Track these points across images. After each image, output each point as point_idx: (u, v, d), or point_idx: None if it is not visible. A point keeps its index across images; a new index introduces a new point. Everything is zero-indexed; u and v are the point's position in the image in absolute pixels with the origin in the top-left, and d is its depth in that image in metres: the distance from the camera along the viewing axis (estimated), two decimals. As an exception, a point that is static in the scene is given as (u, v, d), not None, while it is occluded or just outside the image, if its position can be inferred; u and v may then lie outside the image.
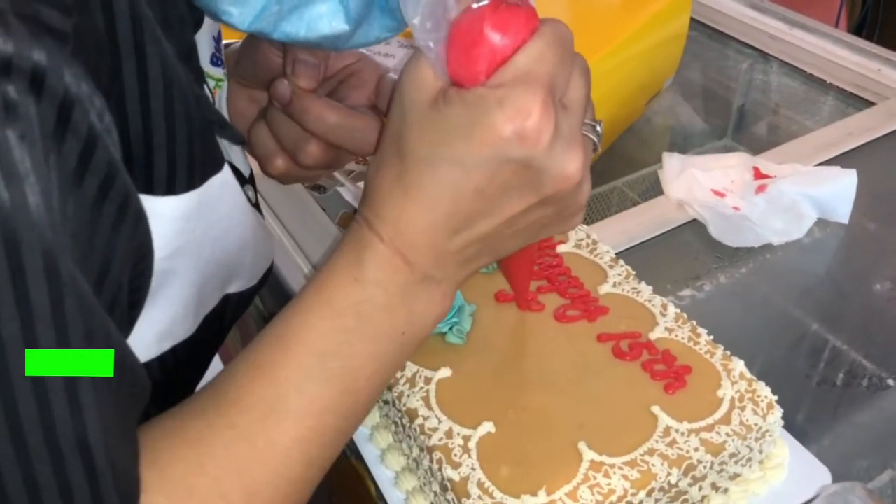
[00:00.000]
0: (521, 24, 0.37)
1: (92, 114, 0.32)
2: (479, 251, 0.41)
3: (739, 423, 0.50)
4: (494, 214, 0.39)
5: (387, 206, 0.40)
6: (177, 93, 0.39)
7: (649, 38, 0.99)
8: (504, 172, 0.38)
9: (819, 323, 0.73)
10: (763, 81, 1.12)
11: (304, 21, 0.45)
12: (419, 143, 0.39)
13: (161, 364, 0.46)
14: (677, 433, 0.49)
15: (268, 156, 0.55)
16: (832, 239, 0.81)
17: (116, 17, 0.36)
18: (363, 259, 0.40)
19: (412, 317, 0.42)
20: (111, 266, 0.35)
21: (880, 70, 1.03)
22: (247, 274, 0.52)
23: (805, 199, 0.80)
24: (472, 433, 0.49)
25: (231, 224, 0.47)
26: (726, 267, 0.77)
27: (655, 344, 0.55)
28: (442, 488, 0.49)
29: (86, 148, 0.32)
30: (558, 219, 0.42)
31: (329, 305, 0.41)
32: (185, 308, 0.46)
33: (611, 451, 0.48)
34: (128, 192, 0.35)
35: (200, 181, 0.43)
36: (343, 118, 0.51)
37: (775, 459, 0.53)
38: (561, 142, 0.37)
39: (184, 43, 0.44)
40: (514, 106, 0.36)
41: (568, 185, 0.39)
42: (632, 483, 0.46)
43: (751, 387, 0.52)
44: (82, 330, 0.31)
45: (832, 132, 0.93)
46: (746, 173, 0.84)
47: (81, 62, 0.32)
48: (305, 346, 0.40)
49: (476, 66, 0.37)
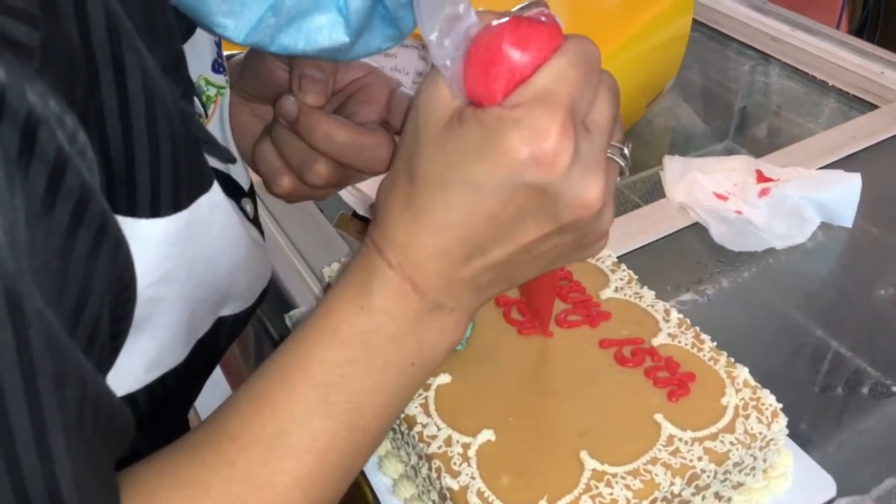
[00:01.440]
0: (543, 41, 0.36)
1: (60, 134, 0.30)
2: (492, 279, 0.40)
3: (744, 432, 0.49)
4: (509, 241, 0.38)
5: (396, 229, 0.38)
6: (160, 109, 0.37)
7: (651, 40, 0.98)
8: (519, 197, 0.36)
9: (823, 328, 0.72)
10: (765, 83, 1.12)
11: (302, 33, 0.43)
12: (431, 165, 0.37)
13: (149, 393, 0.44)
14: (680, 442, 0.48)
15: (273, 175, 0.52)
16: (836, 243, 0.80)
17: (92, 29, 0.33)
18: (370, 286, 0.39)
19: (422, 347, 0.40)
20: (88, 298, 0.32)
21: (883, 73, 1.02)
22: (241, 296, 0.51)
23: (808, 203, 0.79)
24: (472, 441, 0.49)
25: (223, 246, 0.45)
26: (729, 271, 0.76)
27: (658, 350, 0.54)
28: (441, 497, 0.48)
29: (55, 171, 0.29)
30: (578, 247, 0.40)
31: (334, 335, 0.39)
32: (175, 335, 0.44)
33: (613, 459, 0.47)
34: (104, 217, 0.33)
35: (187, 202, 0.41)
36: (352, 136, 0.49)
37: (779, 468, 0.52)
38: (580, 166, 0.35)
39: (171, 53, 0.42)
40: (530, 127, 0.34)
41: (587, 213, 0.37)
42: (634, 493, 0.46)
43: (755, 394, 0.51)
44: (51, 373, 0.29)
45: (835, 135, 0.92)
46: (749, 176, 0.83)
47: (50, 78, 0.30)
48: (309, 378, 0.38)
49: (494, 84, 0.36)
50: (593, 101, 0.37)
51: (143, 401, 0.44)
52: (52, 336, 0.29)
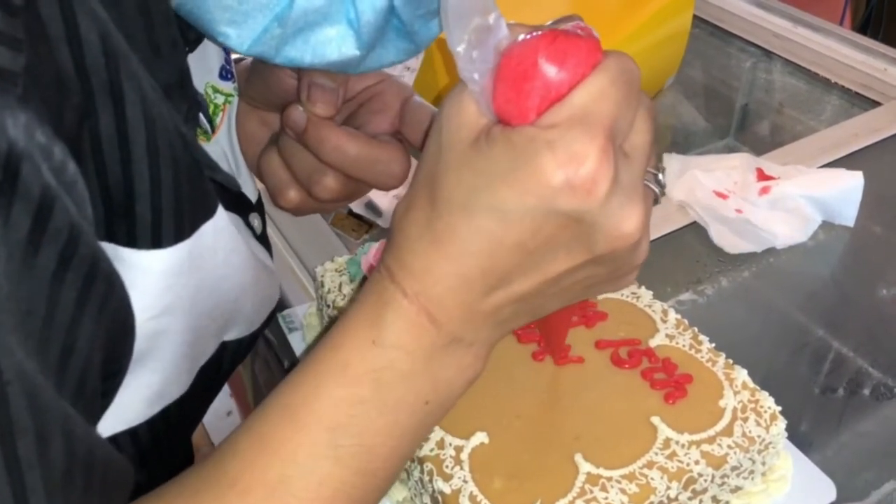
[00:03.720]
0: (582, 56, 0.33)
1: (45, 169, 0.28)
2: (516, 311, 0.37)
3: (742, 435, 0.48)
4: (536, 272, 0.35)
5: (414, 255, 0.35)
6: (161, 136, 0.35)
7: (651, 36, 0.98)
8: (550, 226, 0.33)
9: (824, 329, 0.71)
10: (767, 80, 1.11)
11: (309, 46, 0.41)
12: (455, 187, 0.34)
13: (151, 427, 0.42)
14: (677, 445, 0.47)
15: (280, 188, 0.49)
16: (837, 242, 0.79)
17: (86, 52, 0.31)
18: (383, 317, 0.36)
19: (438, 384, 0.37)
20: (77, 342, 0.30)
21: (886, 69, 1.01)
22: (246, 320, 0.48)
23: (809, 202, 0.79)
24: (465, 444, 0.48)
25: (227, 272, 0.43)
26: (728, 271, 0.76)
27: (656, 351, 0.53)
28: (433, 501, 0.47)
29: (40, 212, 0.27)
30: (609, 279, 0.37)
31: (343, 371, 0.36)
32: (178, 367, 0.42)
33: (608, 463, 0.46)
34: (95, 257, 0.31)
35: (190, 231, 0.39)
36: (364, 149, 0.46)
37: (778, 472, 0.51)
38: (619, 195, 0.33)
39: (175, 70, 0.40)
40: (567, 150, 0.31)
41: (624, 245, 0.34)
42: (630, 497, 0.45)
43: (754, 397, 0.50)
44: (33, 432, 0.27)
45: (837, 133, 0.91)
46: (749, 174, 0.82)
47: (36, 105, 0.28)
48: (315, 418, 0.35)
49: (526, 102, 0.33)
50: (633, 123, 0.34)
51: (145, 434, 0.42)
52: (34, 392, 0.27)
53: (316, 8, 0.39)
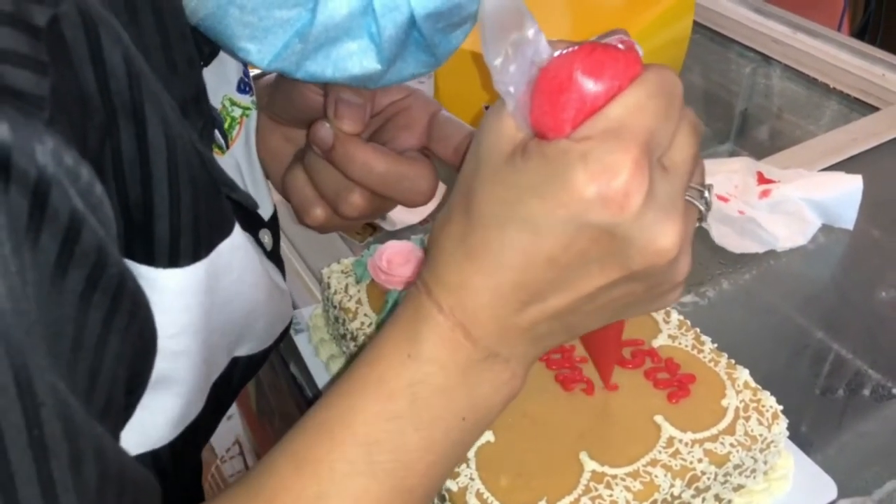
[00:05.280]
0: (619, 69, 0.32)
1: (73, 193, 0.28)
2: (551, 328, 0.36)
3: (744, 434, 0.49)
4: (570, 288, 0.34)
5: (449, 270, 0.35)
6: (180, 156, 0.35)
7: (651, 42, 0.98)
8: (582, 240, 0.32)
9: (824, 331, 0.72)
10: (766, 85, 1.11)
11: (330, 60, 0.40)
12: (489, 201, 0.34)
13: (171, 447, 0.42)
14: (681, 444, 0.48)
15: (305, 206, 0.49)
16: (837, 245, 0.80)
17: (109, 73, 0.31)
18: (419, 332, 0.35)
19: (474, 399, 0.36)
20: (104, 361, 0.30)
21: (885, 75, 1.02)
22: (258, 338, 0.48)
23: (809, 205, 0.79)
24: (471, 442, 0.48)
25: (240, 289, 0.43)
26: (730, 273, 0.76)
27: (658, 352, 0.54)
28: (440, 499, 0.47)
29: (68, 236, 0.27)
30: (649, 297, 0.36)
31: (378, 387, 0.35)
32: (197, 386, 0.41)
33: (613, 461, 0.47)
34: (122, 277, 0.31)
35: (207, 250, 0.38)
36: (392, 166, 0.45)
37: (780, 471, 0.52)
38: (654, 209, 0.32)
39: (191, 86, 0.40)
40: (599, 162, 0.31)
41: (660, 261, 0.33)
42: (634, 494, 0.45)
43: (755, 396, 0.51)
44: (66, 453, 0.27)
45: (836, 137, 0.92)
46: (750, 178, 0.83)
47: (62, 129, 0.28)
48: (350, 433, 0.35)
49: (561, 114, 0.32)
50: (673, 137, 0.33)
51: (166, 455, 0.42)
52: (67, 413, 0.27)
53: (337, 23, 0.39)
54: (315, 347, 0.65)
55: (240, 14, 0.38)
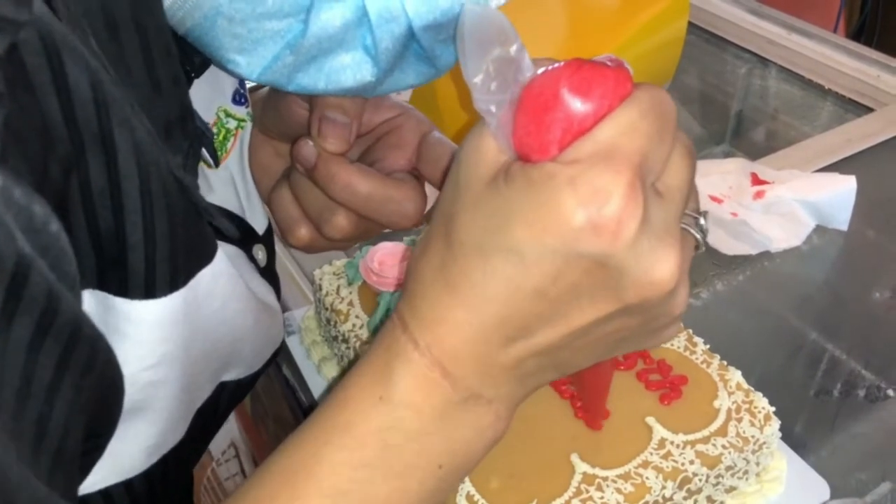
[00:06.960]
0: (609, 87, 0.30)
1: (20, 236, 0.26)
2: (539, 365, 0.33)
3: (736, 435, 0.48)
4: (559, 322, 0.32)
5: (426, 302, 0.32)
6: (155, 184, 0.33)
7: (646, 43, 0.98)
8: (572, 271, 0.30)
9: (817, 332, 0.72)
10: (761, 87, 1.11)
11: (323, 73, 0.39)
12: (470, 228, 0.31)
13: (146, 477, 0.40)
14: (672, 445, 0.48)
15: (290, 225, 0.47)
16: (831, 246, 0.80)
17: (75, 101, 0.29)
18: (392, 371, 0.33)
19: (453, 445, 0.33)
20: (54, 409, 0.28)
21: (879, 76, 1.02)
22: (245, 363, 0.46)
23: (803, 206, 0.79)
24: (462, 444, 0.48)
25: (225, 316, 0.41)
26: (723, 274, 0.76)
27: (650, 353, 0.54)
28: (430, 501, 0.47)
29: (13, 284, 0.25)
30: (643, 331, 0.34)
31: (347, 432, 0.33)
32: (175, 414, 0.40)
33: (604, 463, 0.47)
34: (77, 321, 0.29)
35: (185, 279, 0.36)
36: (377, 188, 0.43)
37: (773, 472, 0.52)
38: (649, 237, 0.30)
39: (176, 105, 0.38)
40: (589, 187, 0.29)
41: (656, 293, 0.31)
42: (625, 496, 0.45)
43: (748, 398, 0.51)
44: None
45: (831, 138, 0.92)
46: (744, 179, 0.83)
47: (15, 163, 0.26)
48: (314, 483, 0.32)
49: (547, 135, 0.30)
50: (667, 160, 0.31)
51: (140, 484, 0.40)
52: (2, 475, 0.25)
53: (330, 35, 0.37)
54: (307, 349, 0.65)
55: (228, 25, 0.37)
